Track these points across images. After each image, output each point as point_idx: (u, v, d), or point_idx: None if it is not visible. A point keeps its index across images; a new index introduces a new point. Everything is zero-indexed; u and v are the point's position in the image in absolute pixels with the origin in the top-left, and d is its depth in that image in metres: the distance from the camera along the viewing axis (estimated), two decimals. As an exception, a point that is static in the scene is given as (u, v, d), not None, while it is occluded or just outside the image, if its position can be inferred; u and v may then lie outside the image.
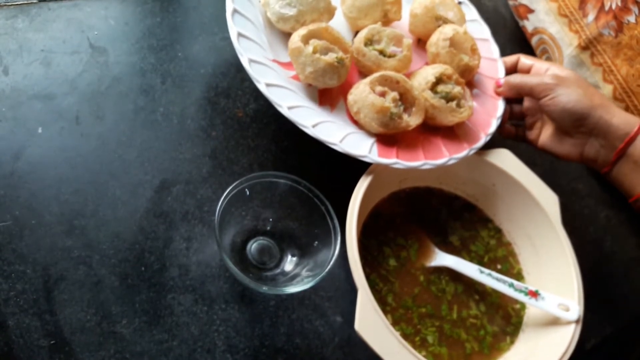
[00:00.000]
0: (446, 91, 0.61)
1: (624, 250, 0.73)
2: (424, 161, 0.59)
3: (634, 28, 0.69)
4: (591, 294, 0.59)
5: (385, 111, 0.57)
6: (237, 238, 0.56)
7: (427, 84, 0.61)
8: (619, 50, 0.71)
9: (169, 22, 0.68)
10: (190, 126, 0.62)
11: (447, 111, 0.61)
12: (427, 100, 0.61)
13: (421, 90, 0.61)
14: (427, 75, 0.62)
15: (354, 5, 0.66)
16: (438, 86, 0.62)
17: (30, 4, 0.64)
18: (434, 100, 0.61)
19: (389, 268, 0.59)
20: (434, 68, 0.63)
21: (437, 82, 0.62)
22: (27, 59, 0.60)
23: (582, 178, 0.77)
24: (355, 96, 0.59)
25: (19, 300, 0.49)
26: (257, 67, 0.57)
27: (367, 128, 0.60)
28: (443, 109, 0.61)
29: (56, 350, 0.48)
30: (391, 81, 0.60)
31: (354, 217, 0.53)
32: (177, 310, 0.52)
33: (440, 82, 0.62)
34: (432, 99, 0.61)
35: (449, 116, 0.61)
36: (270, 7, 0.62)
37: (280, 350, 0.53)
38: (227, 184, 0.53)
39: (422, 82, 0.62)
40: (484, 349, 0.59)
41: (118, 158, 0.58)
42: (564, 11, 0.79)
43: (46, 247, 0.52)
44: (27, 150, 0.55)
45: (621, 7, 0.70)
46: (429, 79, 0.62)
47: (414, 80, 0.63)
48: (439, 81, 0.62)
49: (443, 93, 0.61)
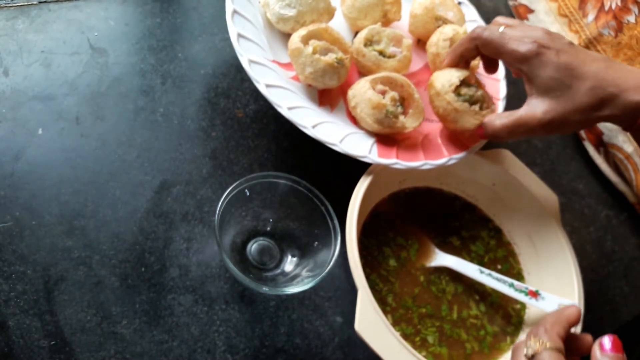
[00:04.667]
0: (470, 94, 0.60)
1: (624, 250, 0.73)
2: (424, 161, 0.59)
3: (634, 28, 0.69)
4: (591, 294, 0.59)
5: (382, 108, 0.57)
6: (237, 238, 0.56)
7: (450, 86, 0.59)
8: (619, 50, 0.71)
9: (169, 23, 0.68)
10: (190, 127, 0.62)
11: (470, 114, 0.59)
12: (450, 104, 0.59)
13: (444, 93, 0.59)
14: (451, 77, 0.60)
15: (353, 5, 0.66)
16: (461, 89, 0.61)
17: (31, 5, 0.64)
18: (457, 104, 0.58)
19: (389, 268, 0.59)
20: (458, 71, 0.60)
21: (460, 85, 0.61)
22: (27, 60, 0.60)
23: (582, 178, 0.77)
24: (355, 91, 0.59)
25: (19, 300, 0.49)
26: (257, 68, 0.57)
27: (362, 124, 0.59)
28: (466, 112, 0.59)
29: (56, 351, 0.48)
30: (395, 84, 0.60)
31: (354, 217, 0.53)
32: (177, 310, 0.52)
33: (463, 85, 0.61)
34: (455, 102, 0.59)
35: (472, 119, 0.59)
36: (270, 8, 0.62)
37: (281, 351, 0.53)
38: (227, 185, 0.53)
39: (445, 84, 0.60)
40: (484, 349, 0.59)
41: (118, 159, 0.58)
42: (563, 11, 0.79)
43: (46, 247, 0.52)
44: (27, 151, 0.56)
45: (621, 7, 0.70)
46: (452, 82, 0.59)
47: (437, 82, 0.60)
48: (462, 84, 0.61)
49: (467, 96, 0.60)
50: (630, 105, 0.51)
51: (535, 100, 0.55)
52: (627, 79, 0.52)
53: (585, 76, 0.52)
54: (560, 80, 0.53)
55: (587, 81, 0.52)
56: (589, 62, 0.53)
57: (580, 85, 0.52)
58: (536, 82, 0.54)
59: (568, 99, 0.53)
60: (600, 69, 0.52)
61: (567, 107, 0.53)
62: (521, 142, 0.75)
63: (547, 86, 0.53)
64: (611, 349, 0.43)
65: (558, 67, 0.53)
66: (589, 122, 0.54)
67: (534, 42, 0.53)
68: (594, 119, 0.54)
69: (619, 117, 0.52)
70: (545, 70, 0.53)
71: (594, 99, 0.52)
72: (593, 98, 0.52)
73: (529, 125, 0.55)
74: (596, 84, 0.52)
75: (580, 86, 0.52)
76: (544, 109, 0.54)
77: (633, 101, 0.51)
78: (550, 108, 0.54)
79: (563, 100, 0.53)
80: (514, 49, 0.54)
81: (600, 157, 0.77)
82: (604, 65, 0.53)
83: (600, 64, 0.53)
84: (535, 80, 0.54)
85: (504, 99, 0.69)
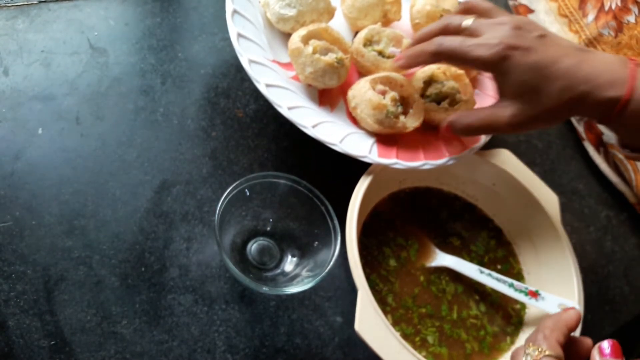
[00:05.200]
0: (435, 92, 0.61)
1: (624, 250, 0.73)
2: (424, 161, 0.59)
3: (634, 28, 0.69)
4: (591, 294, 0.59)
5: (382, 108, 0.57)
6: (237, 238, 0.56)
7: (417, 90, 0.62)
8: (619, 50, 0.71)
9: (169, 23, 0.68)
10: (190, 126, 0.62)
11: (441, 111, 0.61)
12: None
13: None
14: (416, 81, 0.62)
15: (353, 5, 0.66)
16: (429, 88, 0.62)
17: (31, 5, 0.64)
18: (425, 105, 0.61)
19: (389, 268, 0.59)
20: (423, 72, 0.63)
21: (427, 84, 0.62)
22: (27, 59, 0.60)
23: (582, 178, 0.77)
24: (355, 91, 0.59)
25: (19, 300, 0.49)
26: (256, 68, 0.57)
27: (363, 124, 0.60)
28: (436, 111, 0.61)
29: (56, 351, 0.48)
30: (395, 84, 0.60)
31: (354, 217, 0.53)
32: (177, 310, 0.52)
33: (432, 83, 0.62)
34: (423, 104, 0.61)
35: (444, 115, 0.61)
36: (270, 8, 0.62)
37: (281, 351, 0.53)
38: (227, 184, 0.53)
39: None
40: (484, 349, 0.59)
41: (118, 158, 0.58)
42: (563, 11, 0.79)
43: (46, 247, 0.52)
44: (27, 150, 0.56)
45: (621, 7, 0.70)
46: (417, 85, 0.62)
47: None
48: (430, 83, 0.62)
49: (432, 95, 0.62)
50: (603, 102, 0.49)
51: (505, 102, 0.53)
52: (600, 74, 0.49)
53: (555, 75, 0.50)
54: (530, 83, 0.50)
55: (558, 81, 0.50)
56: (560, 58, 0.50)
57: (550, 87, 0.50)
58: (505, 87, 0.52)
59: (538, 102, 0.51)
60: (572, 65, 0.50)
61: (536, 109, 0.51)
62: (521, 142, 0.75)
63: (516, 91, 0.51)
64: (611, 353, 0.43)
65: (527, 69, 0.50)
66: (560, 120, 0.53)
67: (500, 43, 0.50)
68: (565, 116, 0.52)
69: (592, 113, 0.51)
70: (513, 75, 0.50)
71: (564, 100, 0.50)
72: (564, 99, 0.50)
73: (495, 126, 0.54)
74: (567, 84, 0.49)
75: (551, 88, 0.50)
76: (512, 112, 0.52)
77: (605, 97, 0.49)
78: (519, 112, 0.52)
79: (533, 104, 0.51)
80: (478, 56, 0.51)
81: (600, 157, 0.77)
82: (576, 61, 0.50)
83: (572, 60, 0.50)
84: (504, 85, 0.52)
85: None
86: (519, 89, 0.51)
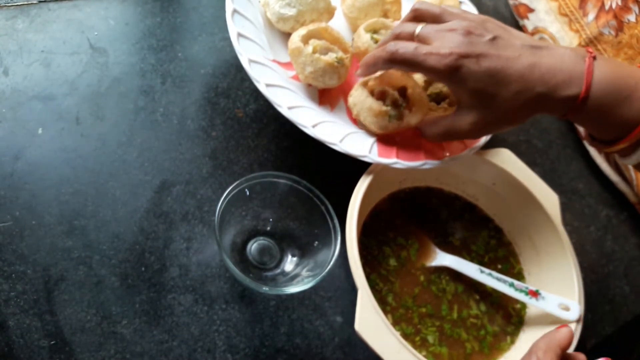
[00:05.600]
0: (435, 92, 0.61)
1: (624, 250, 0.73)
2: (424, 161, 0.59)
3: (634, 27, 0.69)
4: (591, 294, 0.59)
5: (384, 115, 0.57)
6: (237, 238, 0.56)
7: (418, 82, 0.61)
8: (619, 49, 0.71)
9: (169, 23, 0.68)
10: (190, 126, 0.62)
11: (440, 111, 0.61)
12: None
13: None
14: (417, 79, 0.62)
15: (353, 5, 0.66)
16: (429, 88, 0.62)
17: (30, 5, 0.64)
18: None
19: (389, 268, 0.59)
20: None
21: (428, 84, 0.62)
22: (27, 59, 0.60)
23: (583, 178, 0.77)
24: (354, 98, 0.59)
25: (19, 300, 0.49)
26: (256, 68, 0.57)
27: (368, 129, 0.60)
28: (436, 110, 0.61)
29: (56, 351, 0.48)
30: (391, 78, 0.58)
31: (354, 217, 0.53)
32: (178, 310, 0.52)
33: (433, 82, 0.62)
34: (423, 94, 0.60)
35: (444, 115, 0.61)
36: (269, 8, 0.62)
37: (281, 350, 0.53)
38: (227, 184, 0.53)
39: None
40: (484, 348, 0.59)
41: (118, 158, 0.58)
42: (564, 10, 0.79)
43: (46, 247, 0.52)
44: (27, 150, 0.56)
45: (621, 6, 0.70)
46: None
47: None
48: (430, 82, 0.62)
49: (432, 95, 0.61)
50: (561, 100, 0.49)
51: (462, 110, 0.53)
52: (556, 73, 0.48)
53: (509, 80, 0.48)
54: (484, 91, 0.49)
55: (512, 85, 0.48)
56: (513, 61, 0.49)
57: (505, 92, 0.49)
58: (461, 95, 0.52)
59: (495, 107, 0.50)
60: (526, 67, 0.49)
61: (495, 114, 0.51)
62: (521, 142, 0.75)
63: (472, 99, 0.51)
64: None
65: (480, 78, 0.49)
66: (522, 120, 0.52)
67: (451, 53, 0.49)
68: (527, 116, 0.52)
69: (552, 111, 0.51)
70: (467, 83, 0.49)
71: (521, 102, 0.49)
72: (521, 102, 0.49)
73: (459, 134, 0.54)
74: (522, 87, 0.48)
75: (506, 92, 0.49)
76: (471, 120, 0.52)
77: (563, 96, 0.48)
78: (477, 119, 0.52)
79: (490, 110, 0.51)
80: (431, 66, 0.50)
81: (600, 157, 0.77)
82: (530, 62, 0.49)
83: (526, 61, 0.49)
84: (460, 93, 0.52)
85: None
86: (475, 96, 0.51)
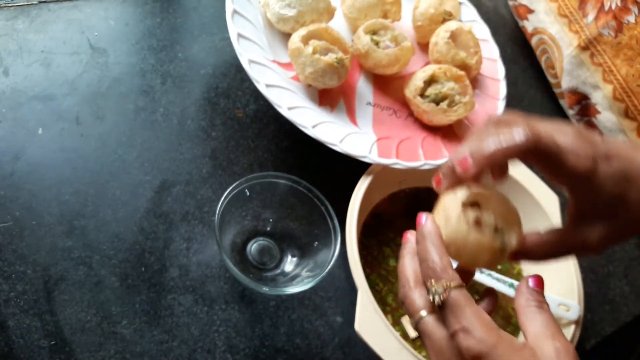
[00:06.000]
0: (435, 93, 0.62)
1: (623, 250, 0.73)
2: (424, 161, 0.59)
3: (634, 28, 0.69)
4: (591, 294, 0.59)
5: (496, 249, 0.40)
6: (237, 238, 0.56)
7: (416, 90, 0.62)
8: (619, 50, 0.71)
9: (169, 23, 0.68)
10: (190, 126, 0.62)
11: (439, 113, 0.61)
12: (419, 107, 0.61)
13: (412, 97, 0.62)
14: (416, 80, 0.63)
15: (353, 5, 0.66)
16: (428, 89, 0.62)
17: (31, 5, 0.64)
18: (424, 106, 0.61)
19: (389, 268, 0.59)
20: (424, 71, 0.63)
21: (427, 84, 0.62)
22: (27, 59, 0.60)
23: (582, 178, 0.77)
24: (451, 232, 0.41)
25: (19, 300, 0.49)
26: (256, 68, 0.57)
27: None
28: (435, 111, 0.61)
29: (56, 351, 0.48)
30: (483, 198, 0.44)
31: (354, 217, 0.53)
32: (177, 310, 0.52)
33: (432, 83, 0.63)
34: (422, 104, 0.61)
35: (444, 117, 0.61)
36: (270, 8, 0.62)
37: (281, 351, 0.53)
38: (227, 185, 0.53)
39: (412, 88, 0.63)
40: (484, 349, 0.58)
41: (118, 159, 0.58)
42: (563, 11, 0.79)
43: (46, 247, 0.52)
44: (27, 150, 0.56)
45: (621, 7, 0.70)
46: (417, 85, 0.62)
47: (410, 85, 0.63)
48: (430, 83, 0.63)
49: (432, 95, 0.62)
50: None
51: (589, 223, 0.42)
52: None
53: (635, 176, 0.40)
54: (617, 194, 0.40)
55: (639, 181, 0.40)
56: (634, 152, 0.41)
57: (633, 192, 0.40)
58: (593, 204, 0.41)
59: (625, 212, 0.41)
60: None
61: (627, 221, 0.42)
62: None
63: (606, 206, 0.41)
64: (534, 285, 0.40)
65: (615, 180, 0.40)
66: None
67: (588, 155, 0.39)
68: None
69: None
70: (603, 189, 0.40)
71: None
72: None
73: (577, 251, 0.44)
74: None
75: (634, 192, 0.40)
76: (601, 234, 0.42)
77: None
78: (609, 232, 0.42)
79: (621, 217, 0.41)
80: (573, 165, 0.39)
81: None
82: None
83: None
84: (593, 201, 0.41)
85: (503, 99, 0.70)
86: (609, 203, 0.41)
